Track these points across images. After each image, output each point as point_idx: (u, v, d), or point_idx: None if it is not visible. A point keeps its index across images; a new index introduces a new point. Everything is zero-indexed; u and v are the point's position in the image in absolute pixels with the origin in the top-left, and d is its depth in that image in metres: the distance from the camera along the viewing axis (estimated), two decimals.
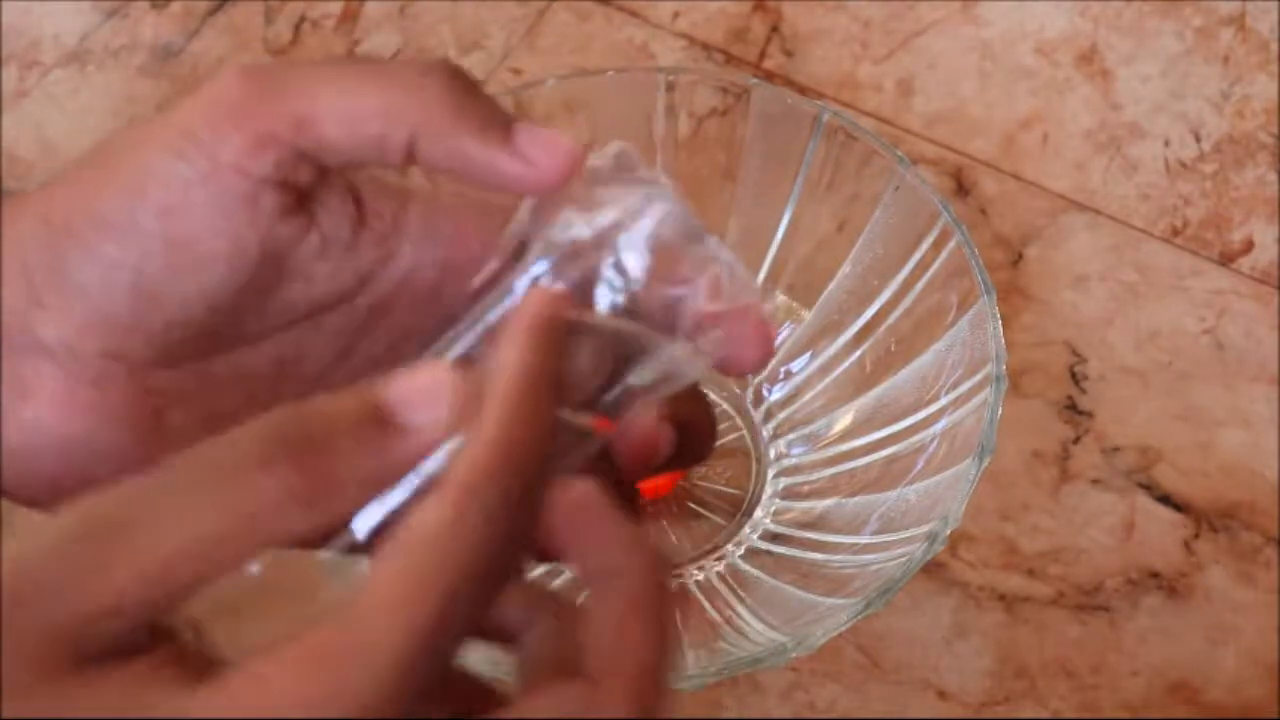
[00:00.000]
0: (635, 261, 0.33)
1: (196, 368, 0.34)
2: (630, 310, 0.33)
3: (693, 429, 0.35)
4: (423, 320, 0.36)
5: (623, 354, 0.33)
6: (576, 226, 0.33)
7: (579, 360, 0.33)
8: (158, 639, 0.28)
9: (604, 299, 0.33)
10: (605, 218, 0.33)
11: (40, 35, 0.78)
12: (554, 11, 0.78)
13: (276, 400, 0.33)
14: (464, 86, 0.34)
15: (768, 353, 0.34)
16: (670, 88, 0.62)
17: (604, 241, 0.33)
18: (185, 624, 0.29)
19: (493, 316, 0.33)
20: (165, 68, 0.77)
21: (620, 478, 0.35)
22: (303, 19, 0.79)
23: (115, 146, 0.33)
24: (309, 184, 0.34)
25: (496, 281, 0.33)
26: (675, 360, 0.33)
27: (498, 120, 0.34)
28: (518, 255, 0.33)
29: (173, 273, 0.33)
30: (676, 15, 0.78)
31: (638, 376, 0.33)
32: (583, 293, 0.33)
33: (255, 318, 0.35)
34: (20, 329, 0.33)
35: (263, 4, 0.79)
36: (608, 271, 0.33)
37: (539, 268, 0.33)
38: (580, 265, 0.33)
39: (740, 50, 0.77)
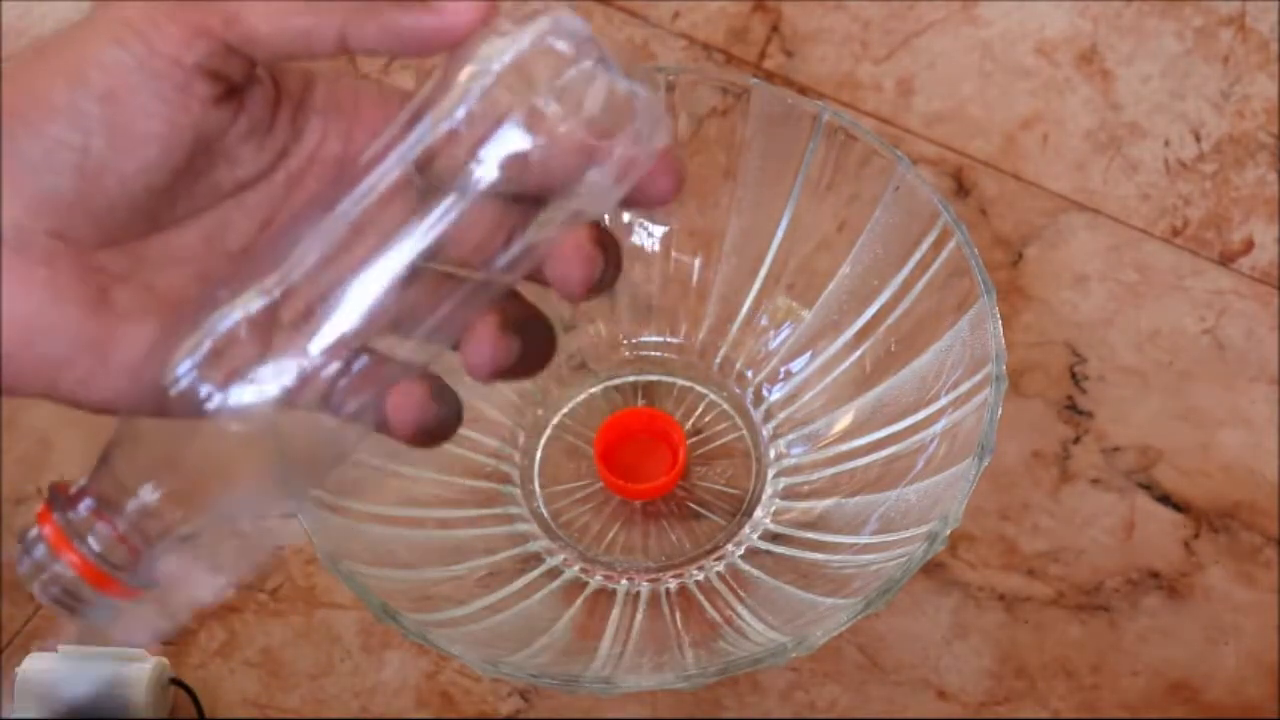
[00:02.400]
0: (547, 99, 0.35)
1: (133, 247, 0.37)
2: (547, 148, 0.35)
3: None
4: (331, 188, 0.39)
5: (538, 195, 0.36)
6: (491, 58, 0.35)
7: (490, 214, 0.36)
8: None
9: (520, 139, 0.35)
10: (516, 46, 0.35)
11: (40, 35, 0.78)
12: None
13: (208, 275, 0.37)
14: None
15: (679, 182, 0.37)
16: (670, 88, 0.62)
17: (517, 79, 0.35)
18: None
19: (412, 154, 0.36)
20: None
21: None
22: None
23: (59, 39, 0.36)
24: (240, 77, 0.36)
25: (401, 138, 0.36)
26: (588, 199, 0.36)
27: None
28: (420, 116, 0.36)
29: (113, 152, 0.35)
30: (676, 15, 0.78)
31: (553, 213, 0.36)
32: (497, 135, 0.35)
33: (187, 199, 0.37)
34: None
35: None
36: (521, 113, 0.35)
37: (460, 113, 0.35)
38: (494, 107, 0.35)
39: (740, 50, 0.77)
